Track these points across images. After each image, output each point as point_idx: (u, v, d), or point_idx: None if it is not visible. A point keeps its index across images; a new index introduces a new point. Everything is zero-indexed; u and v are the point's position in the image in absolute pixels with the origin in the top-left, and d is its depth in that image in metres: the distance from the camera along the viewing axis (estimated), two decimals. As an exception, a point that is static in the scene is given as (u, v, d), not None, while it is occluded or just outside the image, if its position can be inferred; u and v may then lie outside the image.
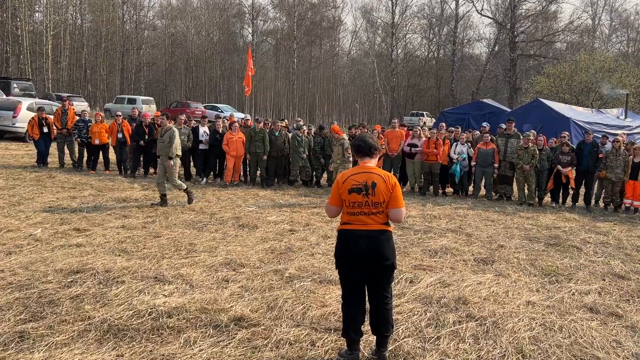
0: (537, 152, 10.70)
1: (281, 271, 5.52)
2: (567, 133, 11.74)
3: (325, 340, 3.82)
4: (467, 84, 49.25)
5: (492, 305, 4.72)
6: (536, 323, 4.38)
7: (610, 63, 31.39)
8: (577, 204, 11.19)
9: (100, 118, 12.74)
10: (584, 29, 51.77)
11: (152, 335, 3.81)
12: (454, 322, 4.32)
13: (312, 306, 4.50)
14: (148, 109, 28.02)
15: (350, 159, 9.78)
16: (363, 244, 3.37)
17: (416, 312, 4.52)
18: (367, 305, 3.62)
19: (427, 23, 54.08)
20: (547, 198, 11.52)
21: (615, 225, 9.16)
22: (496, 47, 46.79)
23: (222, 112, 30.93)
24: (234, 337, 3.82)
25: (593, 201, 11.25)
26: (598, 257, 6.87)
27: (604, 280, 5.85)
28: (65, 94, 30.01)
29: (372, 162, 3.53)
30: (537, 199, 11.05)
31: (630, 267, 6.41)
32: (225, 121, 13.00)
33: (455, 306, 4.68)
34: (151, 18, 52.91)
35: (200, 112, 27.37)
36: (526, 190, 10.97)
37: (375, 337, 3.61)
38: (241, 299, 4.63)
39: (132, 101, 30.17)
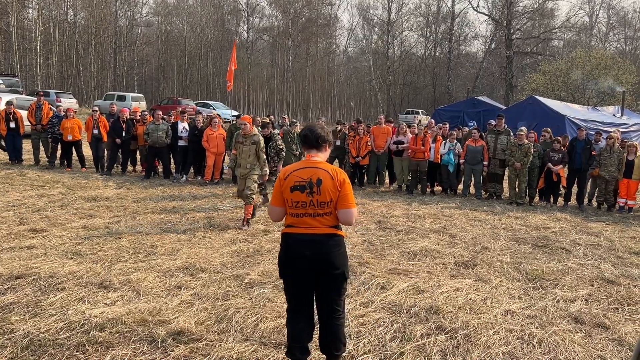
0: (532, 149, 10.29)
1: (242, 276, 5.09)
2: (549, 129, 11.29)
3: (272, 359, 3.39)
4: (464, 81, 48.81)
5: (466, 315, 4.29)
6: (513, 336, 3.95)
7: (607, 60, 31.02)
8: (569, 203, 10.77)
9: (72, 113, 12.29)
10: (581, 26, 51.43)
11: (76, 352, 3.37)
12: (421, 335, 3.89)
13: (266, 317, 4.07)
14: (138, 106, 27.50)
15: (266, 161, 7.75)
16: (307, 250, 2.93)
17: (382, 323, 4.09)
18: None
19: (423, 20, 53.66)
20: (538, 197, 11.12)
21: (608, 226, 8.74)
22: (492, 45, 46.39)
23: (213, 109, 30.50)
24: (169, 355, 3.39)
25: (586, 200, 10.83)
26: (588, 260, 6.45)
27: (592, 285, 5.43)
28: (54, 91, 29.58)
29: (320, 156, 3.07)
30: (527, 198, 10.63)
31: (621, 271, 6.00)
32: (209, 116, 12.58)
33: (425, 316, 4.25)
34: (145, 15, 52.39)
35: (191, 110, 26.89)
36: (517, 189, 10.55)
37: (325, 356, 3.18)
38: (190, 308, 4.19)
39: (121, 98, 29.64)
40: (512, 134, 10.85)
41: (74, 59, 40.90)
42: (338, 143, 12.15)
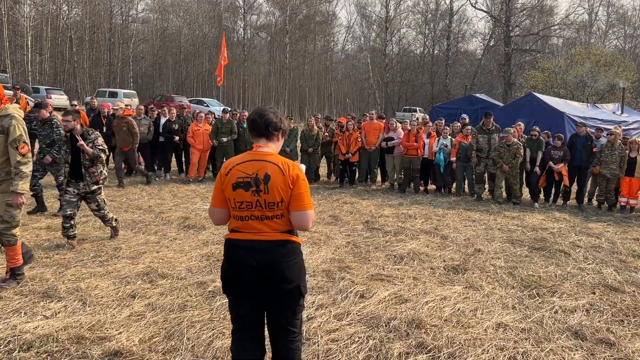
0: (521, 149, 9.59)
1: (206, 283, 4.59)
2: (538, 128, 10.45)
3: (220, 385, 2.90)
4: (462, 79, 48.30)
5: (452, 330, 3.80)
6: (505, 355, 3.46)
7: (607, 57, 30.55)
8: (568, 202, 10.28)
9: (50, 108, 11.74)
10: (581, 24, 50.94)
11: (-10, 377, 2.89)
12: (399, 353, 3.40)
13: (224, 332, 3.58)
14: (130, 102, 26.99)
15: (103, 161, 5.69)
16: (253, 260, 2.43)
17: (356, 340, 3.60)
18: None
19: (421, 18, 53.13)
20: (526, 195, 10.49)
21: (609, 226, 8.25)
22: (491, 42, 45.90)
23: (207, 106, 29.96)
24: (99, 380, 2.90)
25: (586, 199, 10.33)
26: (588, 264, 5.97)
27: (594, 293, 4.94)
28: (44, 87, 29.08)
29: (271, 147, 2.56)
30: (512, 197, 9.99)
31: (624, 277, 5.51)
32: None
33: (406, 331, 3.76)
34: (140, 11, 51.79)
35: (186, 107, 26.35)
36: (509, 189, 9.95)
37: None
38: (138, 322, 3.70)
39: (113, 94, 29.14)
40: (501, 130, 10.16)
41: (67, 55, 40.33)
42: (328, 138, 11.71)
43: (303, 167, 2.73)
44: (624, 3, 65.93)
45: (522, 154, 9.67)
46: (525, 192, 10.41)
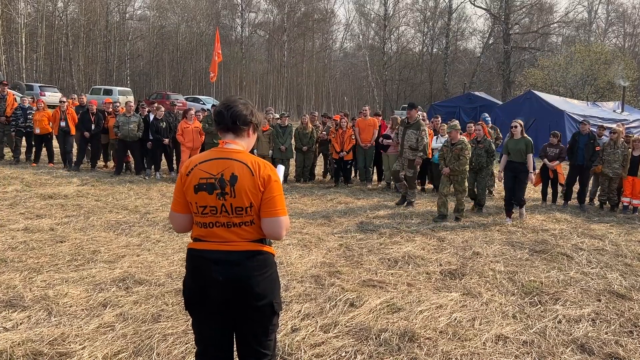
0: (466, 150, 7.78)
1: (185, 290, 4.29)
2: (521, 121, 8.30)
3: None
4: (461, 77, 47.99)
5: (448, 343, 3.51)
6: (505, 372, 3.17)
7: (607, 55, 30.26)
8: (569, 202, 9.98)
9: (42, 105, 11.47)
10: (580, 22, 50.65)
11: None
12: (390, 371, 3.11)
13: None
14: (125, 100, 26.65)
15: None
16: (219, 274, 2.13)
17: (344, 354, 3.30)
18: None
19: (420, 16, 52.78)
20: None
21: (612, 228, 7.96)
22: (490, 40, 45.60)
23: (204, 104, 29.64)
24: (52, 405, 2.60)
25: (587, 199, 10.04)
26: (592, 268, 5.68)
27: (600, 300, 4.65)
28: (38, 84, 28.74)
29: (239, 144, 2.24)
30: (473, 205, 8.88)
31: (631, 282, 5.22)
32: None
33: (398, 344, 3.46)
34: (137, 9, 51.39)
35: (182, 104, 26.01)
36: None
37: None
38: (106, 334, 3.40)
39: (108, 92, 28.79)
40: (421, 128, 8.77)
41: (62, 52, 39.95)
42: (325, 136, 11.42)
43: (282, 169, 2.42)
44: (624, 1, 65.63)
45: (468, 155, 7.86)
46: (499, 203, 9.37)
